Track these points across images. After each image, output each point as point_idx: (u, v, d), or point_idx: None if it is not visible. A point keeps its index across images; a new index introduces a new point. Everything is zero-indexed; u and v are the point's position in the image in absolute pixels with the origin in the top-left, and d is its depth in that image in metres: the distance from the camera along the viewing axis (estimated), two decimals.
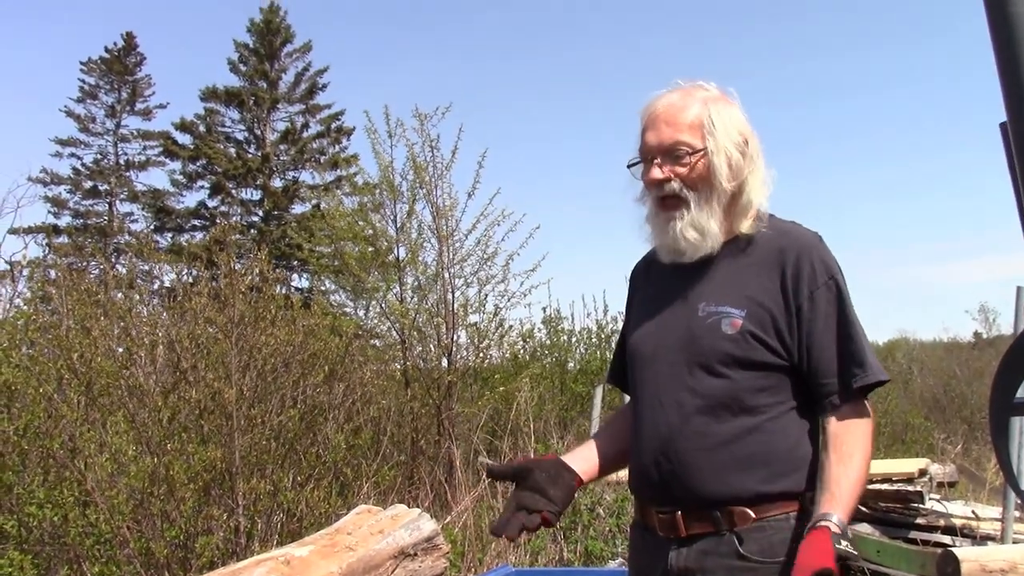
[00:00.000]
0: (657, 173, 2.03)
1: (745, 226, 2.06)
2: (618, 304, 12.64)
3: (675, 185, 2.03)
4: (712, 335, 2.01)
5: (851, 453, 1.92)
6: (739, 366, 1.98)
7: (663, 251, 2.11)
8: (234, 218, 27.95)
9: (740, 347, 1.98)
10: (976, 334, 34.96)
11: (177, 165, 29.54)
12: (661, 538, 2.05)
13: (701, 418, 2.00)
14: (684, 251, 2.05)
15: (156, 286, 12.38)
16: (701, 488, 1.98)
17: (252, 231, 27.76)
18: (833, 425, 1.96)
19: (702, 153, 2.01)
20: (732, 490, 1.96)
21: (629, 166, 2.12)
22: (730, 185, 2.01)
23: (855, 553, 1.79)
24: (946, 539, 6.85)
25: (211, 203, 28.99)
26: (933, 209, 50.93)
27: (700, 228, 2.02)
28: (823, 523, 1.83)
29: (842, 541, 1.79)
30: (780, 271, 2.01)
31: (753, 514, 1.95)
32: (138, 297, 7.28)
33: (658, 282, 2.18)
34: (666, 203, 2.05)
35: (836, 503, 1.86)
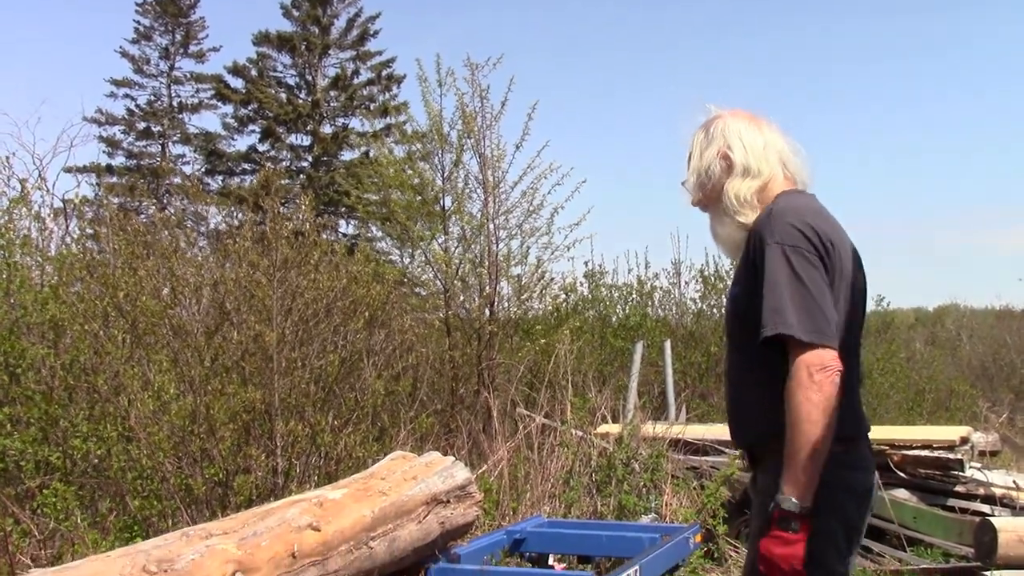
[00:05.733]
0: (691, 200, 2.70)
1: (746, 220, 2.52)
2: (661, 261, 12.59)
3: (700, 206, 2.68)
4: (727, 316, 2.66)
5: (791, 407, 2.23)
6: (742, 338, 2.45)
7: None
8: (283, 163, 28.11)
9: (736, 324, 2.53)
10: None
11: (229, 109, 29.70)
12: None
13: (730, 383, 2.61)
14: (719, 249, 2.77)
15: (205, 228, 12.51)
16: (736, 437, 2.63)
17: (301, 177, 27.90)
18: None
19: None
20: (747, 439, 2.56)
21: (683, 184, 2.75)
22: (721, 197, 2.58)
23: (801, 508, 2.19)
24: (985, 508, 6.78)
25: (261, 147, 29.14)
26: (987, 175, 49.79)
27: (713, 232, 2.65)
28: (777, 510, 2.22)
29: (793, 524, 2.19)
30: (747, 250, 2.46)
31: (758, 457, 2.50)
32: (184, 238, 7.35)
33: None
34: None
35: (786, 473, 2.23)
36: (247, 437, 5.54)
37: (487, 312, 9.38)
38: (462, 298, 9.62)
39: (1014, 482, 7.09)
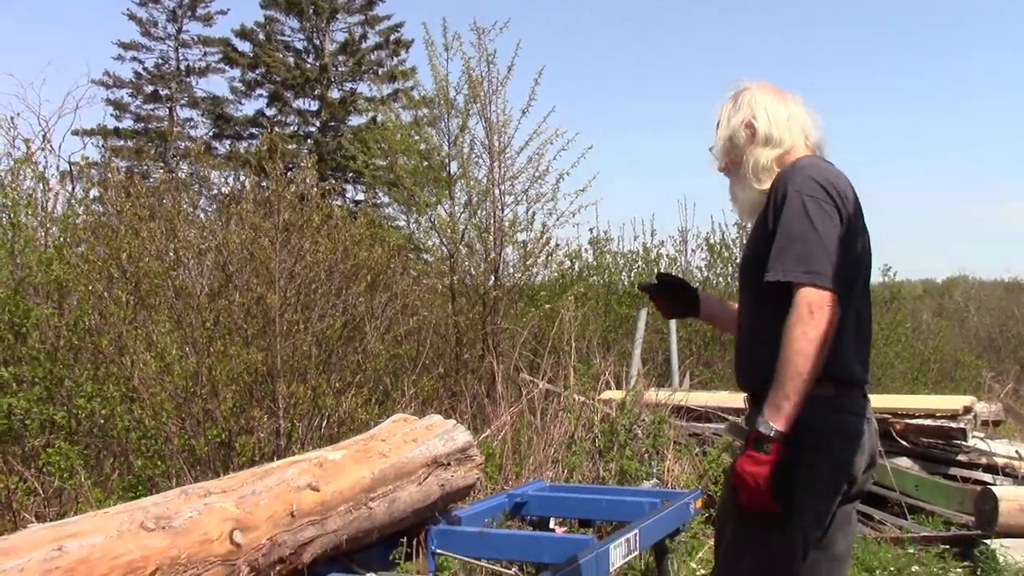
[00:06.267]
0: (717, 165, 2.86)
1: (763, 185, 2.67)
2: (667, 229, 12.61)
3: (724, 172, 2.84)
4: (742, 265, 2.84)
5: (787, 339, 2.38)
6: (752, 286, 2.63)
7: None
8: (291, 128, 28.00)
9: (747, 273, 2.71)
10: None
11: (236, 73, 29.57)
12: None
13: (740, 329, 2.76)
14: (735, 211, 2.92)
15: (210, 192, 12.49)
16: (741, 381, 2.75)
17: (308, 142, 27.80)
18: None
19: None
20: (752, 384, 2.65)
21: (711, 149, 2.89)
22: (743, 163, 2.72)
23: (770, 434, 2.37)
24: (987, 477, 6.80)
25: (269, 112, 29.04)
26: (1000, 148, 49.48)
27: (733, 196, 2.81)
28: (754, 432, 2.40)
29: (765, 446, 2.36)
30: (766, 207, 2.60)
31: (759, 399, 2.50)
32: (187, 200, 7.34)
33: None
34: None
35: (769, 398, 2.40)
36: (249, 399, 5.56)
37: (492, 278, 9.37)
38: (467, 263, 9.61)
39: (1016, 452, 7.09)
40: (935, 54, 49.49)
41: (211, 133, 29.79)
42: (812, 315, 2.36)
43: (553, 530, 5.24)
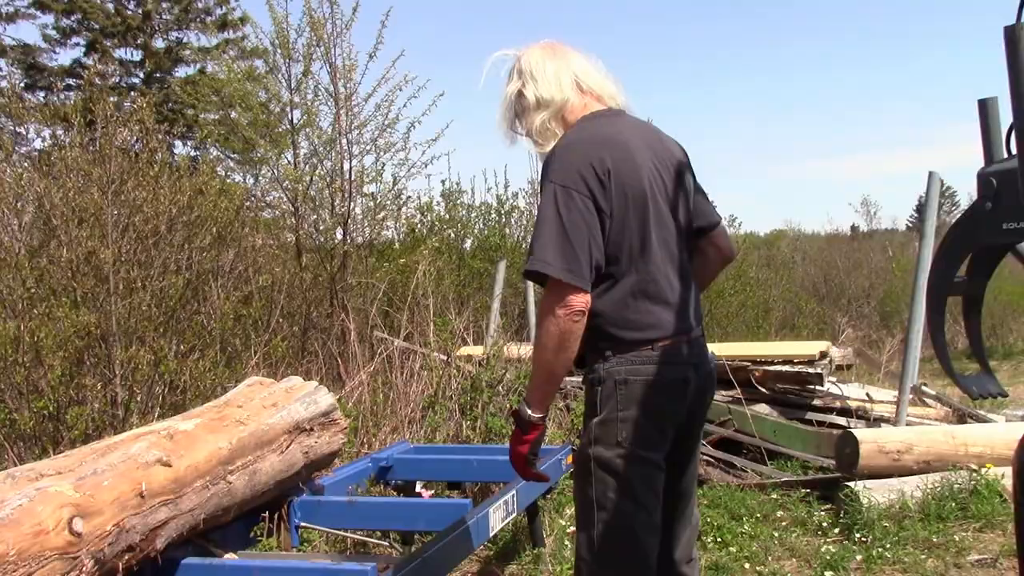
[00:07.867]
0: (506, 143, 2.85)
1: (546, 148, 2.65)
2: (518, 181, 12.46)
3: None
4: None
5: (536, 333, 2.53)
6: None
7: None
8: (112, 79, 26.31)
9: None
10: (853, 227, 36.08)
11: (49, 19, 27.48)
12: None
13: None
14: None
15: (26, 149, 11.48)
16: None
17: (132, 94, 26.19)
18: None
19: None
20: None
21: None
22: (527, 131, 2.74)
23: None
24: (841, 420, 6.93)
25: (87, 62, 27.14)
26: (821, 108, 51.84)
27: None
28: (517, 416, 2.58)
29: (524, 427, 2.56)
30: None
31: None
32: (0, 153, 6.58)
33: None
34: None
35: (528, 387, 2.60)
36: (80, 366, 5.02)
37: (340, 232, 8.95)
38: (313, 217, 9.15)
39: (867, 395, 7.27)
40: (761, 28, 51.20)
41: (22, 84, 27.66)
42: (555, 312, 2.42)
43: (420, 494, 4.99)
